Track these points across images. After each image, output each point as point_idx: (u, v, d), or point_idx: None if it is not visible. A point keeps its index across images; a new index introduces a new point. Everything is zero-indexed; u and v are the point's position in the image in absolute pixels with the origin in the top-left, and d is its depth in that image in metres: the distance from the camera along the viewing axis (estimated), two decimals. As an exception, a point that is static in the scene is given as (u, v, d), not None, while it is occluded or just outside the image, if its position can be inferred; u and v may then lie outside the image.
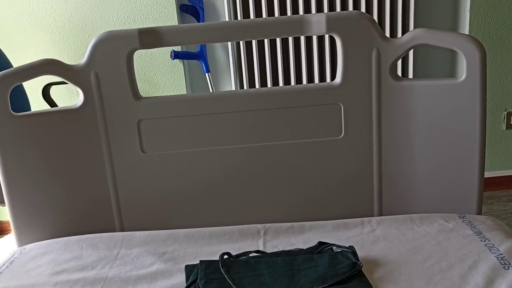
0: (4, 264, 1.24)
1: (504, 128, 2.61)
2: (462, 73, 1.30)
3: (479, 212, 1.38)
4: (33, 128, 1.34)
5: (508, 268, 1.04)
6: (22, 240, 1.38)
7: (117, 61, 1.33)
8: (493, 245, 1.15)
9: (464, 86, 1.29)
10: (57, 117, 1.36)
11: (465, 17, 2.46)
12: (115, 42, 1.32)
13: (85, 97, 1.36)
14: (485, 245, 1.15)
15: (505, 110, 2.59)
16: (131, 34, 1.32)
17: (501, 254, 1.10)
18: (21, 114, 1.34)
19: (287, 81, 2.47)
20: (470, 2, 2.41)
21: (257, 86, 2.47)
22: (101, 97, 1.35)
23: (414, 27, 2.40)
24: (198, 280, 1.07)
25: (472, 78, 1.28)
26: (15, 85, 1.32)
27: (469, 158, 1.34)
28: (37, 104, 2.33)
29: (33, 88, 2.33)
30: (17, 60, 2.17)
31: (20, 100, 1.96)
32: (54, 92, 2.35)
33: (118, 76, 1.34)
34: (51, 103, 2.22)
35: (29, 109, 2.06)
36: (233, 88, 2.52)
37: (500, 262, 1.07)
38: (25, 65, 1.31)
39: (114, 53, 1.33)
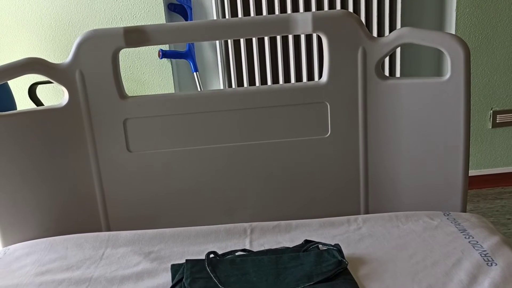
0: (-12, 265, 1.22)
1: (490, 127, 2.64)
2: (447, 72, 1.31)
3: (464, 210, 1.39)
4: (17, 128, 1.33)
5: (491, 265, 1.06)
6: (7, 240, 1.37)
7: (102, 60, 1.32)
8: (477, 242, 1.16)
9: (448, 85, 1.30)
10: (42, 116, 1.35)
11: (452, 17, 2.48)
12: (100, 41, 1.31)
13: (70, 96, 1.34)
14: (469, 242, 1.16)
15: (491, 109, 2.61)
16: (116, 33, 1.31)
17: (485, 251, 1.11)
18: (5, 114, 1.32)
19: (275, 80, 2.47)
20: (456, 2, 2.42)
21: (245, 85, 2.47)
22: (86, 96, 1.34)
23: (401, 26, 2.41)
24: (184, 279, 1.06)
25: (456, 76, 1.29)
26: (-2, 84, 1.31)
27: (454, 156, 1.35)
28: (24, 103, 2.30)
29: (19, 87, 2.31)
30: (3, 60, 2.15)
31: (5, 99, 1.95)
32: (40, 91, 2.32)
33: (103, 75, 1.33)
34: (38, 102, 2.21)
35: (15, 108, 2.04)
36: (221, 87, 2.52)
37: (483, 259, 1.08)
38: (7, 64, 1.30)
39: (99, 51, 1.32)
